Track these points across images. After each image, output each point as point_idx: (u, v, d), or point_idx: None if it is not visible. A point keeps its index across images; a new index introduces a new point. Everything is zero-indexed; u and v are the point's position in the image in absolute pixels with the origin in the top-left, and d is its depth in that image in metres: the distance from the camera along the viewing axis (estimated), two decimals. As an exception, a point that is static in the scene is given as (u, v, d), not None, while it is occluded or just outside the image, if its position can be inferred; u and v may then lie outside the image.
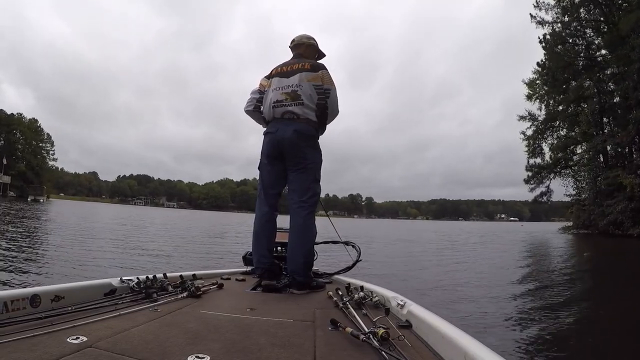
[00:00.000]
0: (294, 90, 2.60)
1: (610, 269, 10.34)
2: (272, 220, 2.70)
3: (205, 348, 1.31)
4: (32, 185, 63.89)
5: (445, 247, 16.44)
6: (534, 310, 4.97)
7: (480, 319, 4.41)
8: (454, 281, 7.20)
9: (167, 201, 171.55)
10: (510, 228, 55.70)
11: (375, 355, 1.27)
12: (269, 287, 2.55)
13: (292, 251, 2.55)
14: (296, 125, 2.57)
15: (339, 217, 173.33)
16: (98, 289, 2.01)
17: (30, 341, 1.26)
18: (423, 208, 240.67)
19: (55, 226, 15.56)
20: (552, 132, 32.08)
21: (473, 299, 5.56)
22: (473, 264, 10.30)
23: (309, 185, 2.64)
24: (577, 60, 28.28)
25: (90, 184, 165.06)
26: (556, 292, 6.25)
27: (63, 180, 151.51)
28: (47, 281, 5.07)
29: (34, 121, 72.07)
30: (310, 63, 2.71)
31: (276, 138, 2.60)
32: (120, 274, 2.26)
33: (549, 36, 28.72)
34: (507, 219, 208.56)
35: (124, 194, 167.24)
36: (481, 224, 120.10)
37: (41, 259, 7.06)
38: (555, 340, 3.78)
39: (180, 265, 7.61)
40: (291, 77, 2.63)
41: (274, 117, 2.65)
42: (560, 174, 31.79)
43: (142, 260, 7.68)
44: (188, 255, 8.94)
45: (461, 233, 32.72)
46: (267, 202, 2.70)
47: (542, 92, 31.88)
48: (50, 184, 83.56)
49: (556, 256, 13.56)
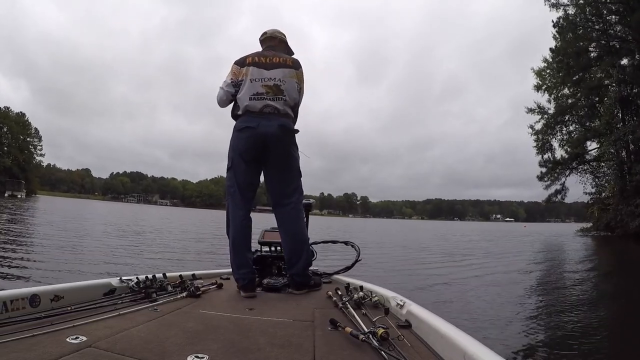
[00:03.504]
0: (277, 85, 2.47)
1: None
2: (249, 226, 2.50)
3: (205, 348, 1.31)
4: (10, 180, 60.53)
5: (462, 258, 12.22)
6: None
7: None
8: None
9: (160, 199, 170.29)
10: (513, 229, 52.59)
11: (375, 355, 1.28)
12: (269, 287, 2.53)
13: (290, 253, 2.47)
14: (280, 120, 2.44)
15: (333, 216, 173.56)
16: (97, 289, 2.01)
17: (29, 341, 1.26)
18: (418, 208, 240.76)
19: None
20: (564, 126, 28.83)
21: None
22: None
23: (297, 184, 2.56)
24: (596, 44, 25.10)
25: (82, 181, 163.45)
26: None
27: (55, 176, 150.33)
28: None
29: (21, 115, 70.50)
30: (291, 59, 2.60)
31: (258, 133, 2.40)
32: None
33: (563, 20, 25.64)
34: (503, 220, 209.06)
35: (116, 192, 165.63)
36: (478, 224, 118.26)
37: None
38: (560, 341, 3.79)
39: (180, 265, 7.58)
40: (272, 70, 2.49)
41: (248, 110, 2.46)
42: (577, 170, 28.40)
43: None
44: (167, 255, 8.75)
45: (463, 235, 30.69)
46: (243, 206, 2.49)
47: (552, 82, 28.81)
48: (38, 180, 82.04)
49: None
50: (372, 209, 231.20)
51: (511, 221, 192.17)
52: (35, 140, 72.98)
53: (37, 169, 78.97)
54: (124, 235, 13.73)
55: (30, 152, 71.22)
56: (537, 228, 60.62)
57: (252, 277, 2.40)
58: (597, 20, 24.39)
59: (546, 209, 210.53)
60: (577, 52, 24.91)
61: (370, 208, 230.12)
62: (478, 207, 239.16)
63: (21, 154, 67.15)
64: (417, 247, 16.90)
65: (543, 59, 29.00)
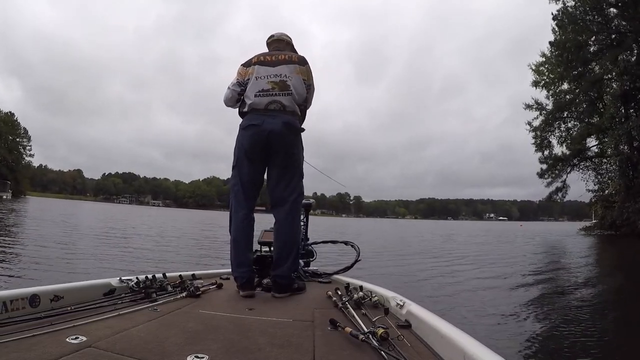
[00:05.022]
0: (283, 81, 2.45)
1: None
2: (251, 225, 2.49)
3: (205, 348, 1.32)
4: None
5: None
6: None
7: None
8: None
9: (153, 199, 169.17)
10: (511, 229, 50.53)
11: (375, 355, 1.29)
12: (268, 287, 2.51)
13: (277, 254, 2.43)
14: (284, 117, 2.41)
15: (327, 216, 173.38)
16: (97, 289, 2.01)
17: (29, 341, 1.26)
18: (411, 207, 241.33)
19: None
20: (562, 122, 27.99)
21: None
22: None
23: (297, 183, 2.52)
24: (595, 37, 24.43)
25: (74, 181, 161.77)
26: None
27: (47, 177, 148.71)
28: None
29: (10, 115, 69.21)
30: (297, 56, 2.59)
31: (263, 131, 2.38)
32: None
33: (562, 14, 24.96)
34: (496, 219, 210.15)
35: (108, 192, 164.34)
36: (472, 223, 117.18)
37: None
38: (558, 341, 3.77)
39: (180, 265, 7.44)
40: (278, 67, 2.49)
41: (254, 108, 2.45)
42: (579, 167, 27.49)
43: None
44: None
45: (470, 235, 29.12)
46: (246, 204, 2.48)
47: (550, 78, 28.05)
48: (28, 181, 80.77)
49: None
50: (366, 208, 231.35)
51: (505, 220, 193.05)
52: (24, 140, 71.51)
53: (27, 169, 77.08)
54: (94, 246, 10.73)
55: (19, 152, 69.79)
56: (534, 227, 59.63)
57: (250, 276, 2.39)
58: (598, 13, 23.64)
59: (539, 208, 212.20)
60: (577, 45, 24.27)
61: (363, 208, 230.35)
62: (471, 206, 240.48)
63: (10, 155, 65.86)
64: (431, 252, 14.39)
65: (541, 54, 28.55)
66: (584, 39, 24.17)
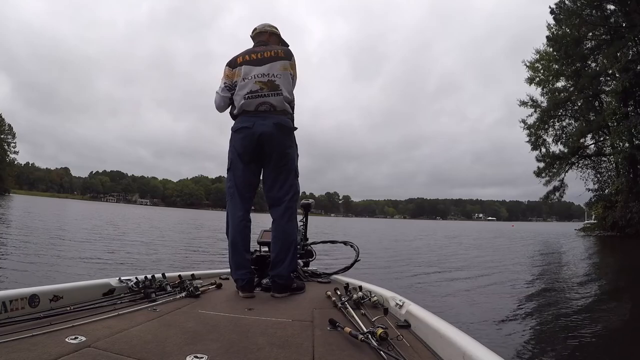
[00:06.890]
0: (271, 80, 2.41)
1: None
2: (249, 226, 2.47)
3: (204, 348, 1.32)
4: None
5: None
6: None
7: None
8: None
9: (140, 198, 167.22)
10: (503, 229, 50.20)
11: (374, 355, 1.30)
12: (268, 287, 2.51)
13: (275, 254, 2.42)
14: (275, 118, 2.39)
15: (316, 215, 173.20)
16: (97, 289, 2.00)
17: (29, 341, 1.26)
18: (400, 207, 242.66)
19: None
20: (557, 120, 27.15)
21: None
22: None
23: (292, 183, 2.50)
24: (592, 33, 23.84)
25: (61, 180, 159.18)
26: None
27: (33, 175, 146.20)
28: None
29: (-6, 112, 68.11)
30: (282, 50, 2.52)
31: (254, 133, 2.37)
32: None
33: (559, 9, 24.50)
34: (485, 219, 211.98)
35: (95, 191, 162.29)
36: (461, 223, 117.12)
37: None
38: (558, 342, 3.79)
39: (179, 265, 7.42)
40: (264, 65, 2.44)
41: (244, 110, 2.43)
42: (577, 166, 26.67)
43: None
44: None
45: (456, 236, 28.44)
46: (242, 206, 2.47)
47: (545, 75, 27.37)
48: (13, 179, 79.41)
49: None
50: (355, 208, 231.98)
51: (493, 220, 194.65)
52: (8, 137, 70.24)
53: (11, 167, 75.50)
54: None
55: (3, 149, 68.36)
56: (526, 227, 59.63)
57: (250, 277, 2.39)
58: (597, 8, 23.26)
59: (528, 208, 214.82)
60: (576, 40, 23.84)
61: (352, 207, 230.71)
62: (460, 206, 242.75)
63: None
64: (431, 252, 14.53)
65: (536, 51, 27.83)
66: (583, 32, 23.66)
